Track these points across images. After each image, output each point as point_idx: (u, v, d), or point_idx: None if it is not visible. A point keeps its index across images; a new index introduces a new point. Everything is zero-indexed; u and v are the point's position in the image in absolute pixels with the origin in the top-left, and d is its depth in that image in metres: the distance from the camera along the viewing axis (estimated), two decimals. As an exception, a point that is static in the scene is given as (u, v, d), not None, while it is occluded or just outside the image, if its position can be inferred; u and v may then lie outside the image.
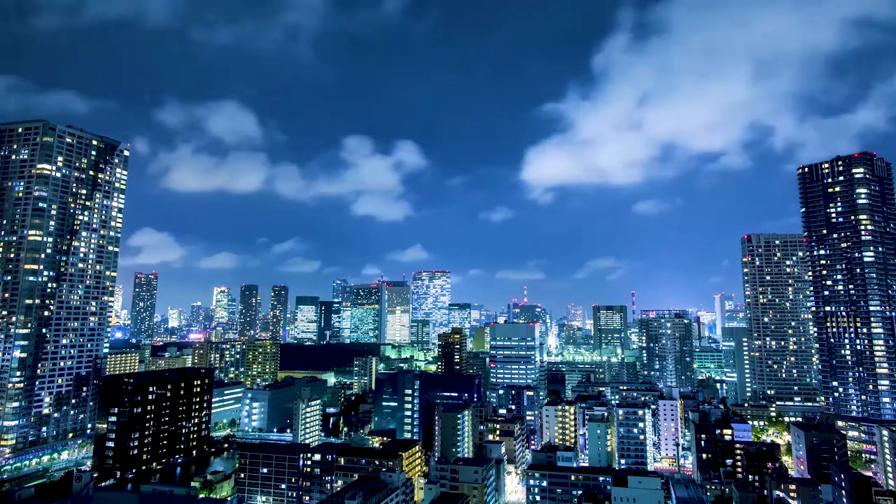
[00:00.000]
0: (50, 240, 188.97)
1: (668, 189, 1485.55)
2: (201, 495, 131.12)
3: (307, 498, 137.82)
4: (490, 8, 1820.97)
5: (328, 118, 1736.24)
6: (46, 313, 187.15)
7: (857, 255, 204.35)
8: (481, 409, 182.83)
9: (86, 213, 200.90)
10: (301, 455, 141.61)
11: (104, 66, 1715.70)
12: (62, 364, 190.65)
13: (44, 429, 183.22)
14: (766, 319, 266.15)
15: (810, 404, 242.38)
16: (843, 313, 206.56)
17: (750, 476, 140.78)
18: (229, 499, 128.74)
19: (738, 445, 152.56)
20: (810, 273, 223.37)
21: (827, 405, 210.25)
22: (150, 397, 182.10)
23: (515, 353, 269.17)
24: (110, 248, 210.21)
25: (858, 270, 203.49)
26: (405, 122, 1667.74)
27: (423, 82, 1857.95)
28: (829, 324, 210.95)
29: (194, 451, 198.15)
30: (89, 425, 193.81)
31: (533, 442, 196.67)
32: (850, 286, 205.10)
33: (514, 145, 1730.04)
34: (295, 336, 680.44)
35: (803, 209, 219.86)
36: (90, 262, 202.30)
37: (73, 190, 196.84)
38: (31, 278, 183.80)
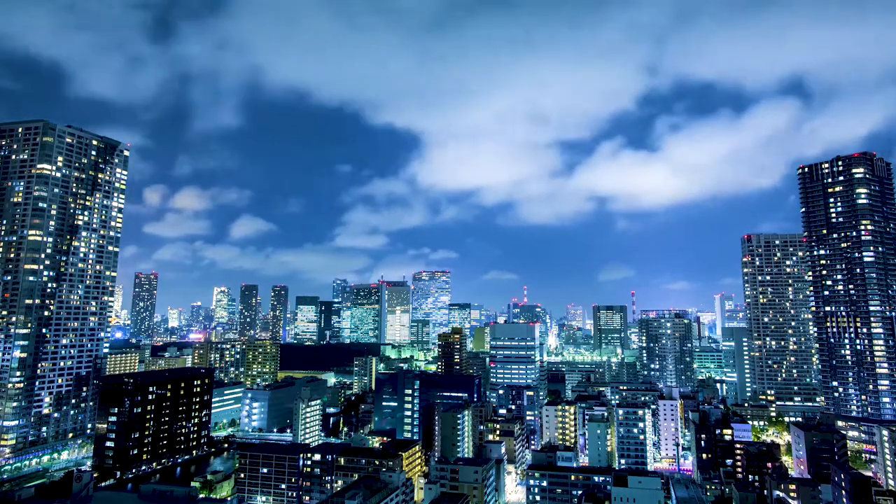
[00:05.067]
0: (50, 240, 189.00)
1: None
2: (201, 495, 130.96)
3: (307, 498, 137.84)
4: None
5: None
6: (46, 313, 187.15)
7: (857, 255, 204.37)
8: (481, 409, 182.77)
9: (86, 213, 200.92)
10: (301, 455, 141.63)
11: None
12: (62, 364, 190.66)
13: (44, 429, 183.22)
14: (766, 319, 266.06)
15: (810, 404, 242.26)
16: (843, 313, 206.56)
17: (750, 476, 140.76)
18: (229, 499, 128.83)
19: (738, 445, 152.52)
20: (810, 273, 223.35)
21: (827, 405, 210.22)
22: (150, 397, 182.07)
23: (515, 353, 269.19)
24: (110, 248, 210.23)
25: (858, 270, 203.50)
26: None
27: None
28: (829, 324, 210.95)
29: (194, 451, 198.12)
30: (89, 425, 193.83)
31: (533, 442, 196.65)
32: (850, 286, 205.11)
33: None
34: (295, 336, 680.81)
35: (803, 209, 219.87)
36: (90, 262, 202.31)
37: (73, 190, 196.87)
38: (31, 278, 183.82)
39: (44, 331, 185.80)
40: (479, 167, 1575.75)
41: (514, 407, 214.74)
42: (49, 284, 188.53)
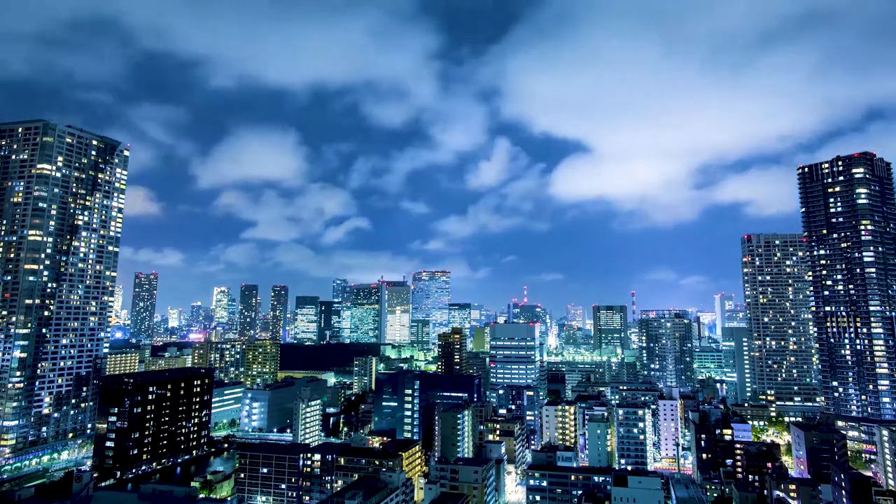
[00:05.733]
0: (50, 240, 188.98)
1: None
2: (201, 495, 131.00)
3: (307, 498, 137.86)
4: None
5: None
6: (46, 313, 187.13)
7: (857, 255, 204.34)
8: (481, 409, 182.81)
9: (86, 213, 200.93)
10: (301, 455, 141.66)
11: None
12: (62, 364, 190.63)
13: (44, 429, 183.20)
14: (766, 319, 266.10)
15: (810, 404, 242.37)
16: (843, 313, 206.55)
17: (750, 476, 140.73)
18: (229, 499, 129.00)
19: (738, 445, 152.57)
20: (810, 273, 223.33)
21: (827, 405, 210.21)
22: (150, 397, 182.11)
23: (515, 353, 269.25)
24: (110, 248, 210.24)
25: (858, 270, 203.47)
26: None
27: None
28: (829, 324, 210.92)
29: (194, 451, 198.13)
30: (89, 425, 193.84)
31: (533, 442, 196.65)
32: (850, 286, 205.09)
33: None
34: (295, 336, 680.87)
35: (803, 209, 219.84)
36: (90, 262, 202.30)
37: (73, 190, 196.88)
38: (31, 278, 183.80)
39: (44, 331, 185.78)
40: (627, 179, 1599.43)
41: (514, 407, 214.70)
42: (49, 284, 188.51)
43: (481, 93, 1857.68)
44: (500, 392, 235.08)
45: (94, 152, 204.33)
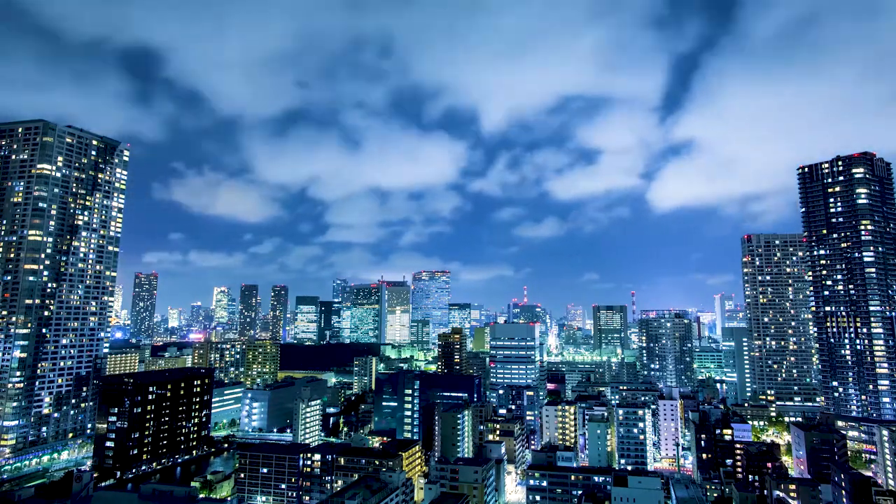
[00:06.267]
0: (50, 240, 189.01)
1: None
2: (201, 495, 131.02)
3: (307, 498, 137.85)
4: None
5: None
6: (46, 313, 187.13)
7: (857, 255, 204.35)
8: (481, 409, 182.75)
9: (86, 213, 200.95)
10: (301, 455, 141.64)
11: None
12: (62, 364, 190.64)
13: (44, 429, 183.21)
14: (766, 319, 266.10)
15: (810, 404, 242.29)
16: (843, 313, 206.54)
17: (750, 476, 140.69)
18: (229, 499, 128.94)
19: (738, 445, 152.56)
20: (810, 273, 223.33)
21: (827, 405, 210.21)
22: (150, 397, 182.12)
23: (515, 353, 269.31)
24: (110, 248, 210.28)
25: (858, 270, 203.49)
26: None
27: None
28: (829, 324, 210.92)
29: (194, 451, 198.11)
30: (89, 425, 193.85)
31: (533, 442, 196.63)
32: (850, 286, 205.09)
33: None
34: (295, 336, 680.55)
35: (803, 209, 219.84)
36: (90, 262, 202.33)
37: (73, 190, 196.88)
38: (31, 278, 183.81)
39: (44, 331, 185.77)
40: (740, 186, 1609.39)
41: (514, 407, 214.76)
42: (49, 284, 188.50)
43: (658, 105, 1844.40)
44: (500, 392, 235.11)
45: (94, 152, 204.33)
